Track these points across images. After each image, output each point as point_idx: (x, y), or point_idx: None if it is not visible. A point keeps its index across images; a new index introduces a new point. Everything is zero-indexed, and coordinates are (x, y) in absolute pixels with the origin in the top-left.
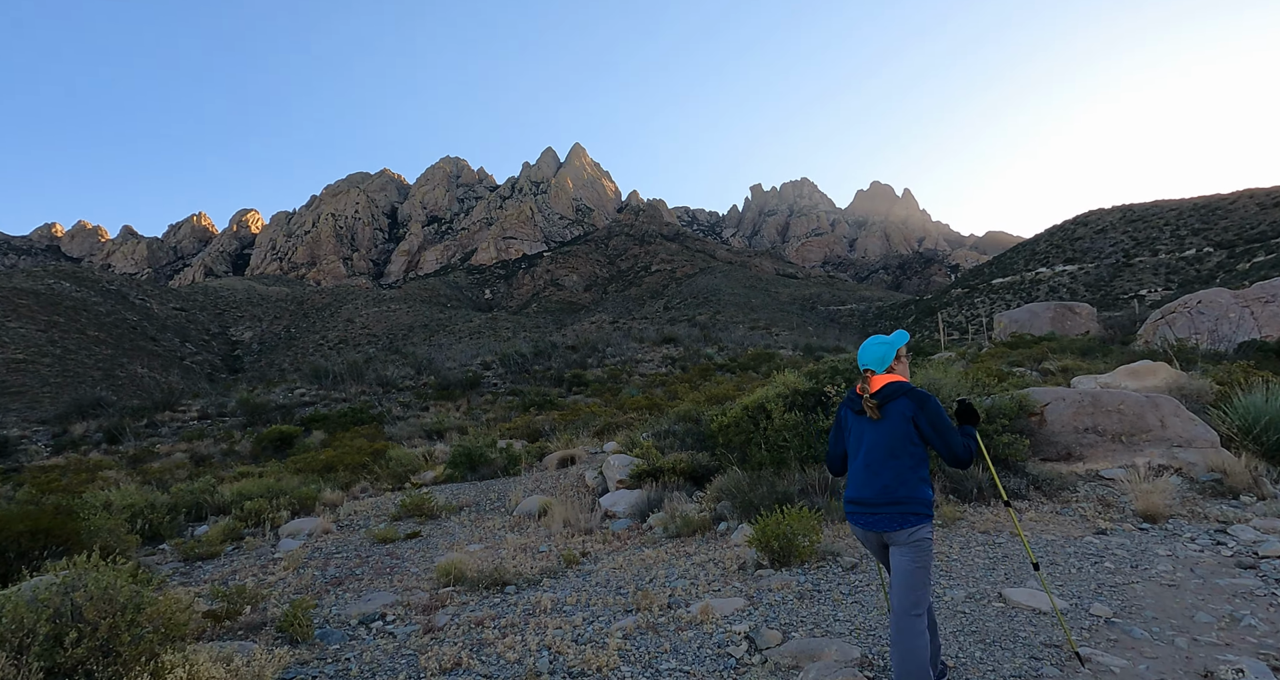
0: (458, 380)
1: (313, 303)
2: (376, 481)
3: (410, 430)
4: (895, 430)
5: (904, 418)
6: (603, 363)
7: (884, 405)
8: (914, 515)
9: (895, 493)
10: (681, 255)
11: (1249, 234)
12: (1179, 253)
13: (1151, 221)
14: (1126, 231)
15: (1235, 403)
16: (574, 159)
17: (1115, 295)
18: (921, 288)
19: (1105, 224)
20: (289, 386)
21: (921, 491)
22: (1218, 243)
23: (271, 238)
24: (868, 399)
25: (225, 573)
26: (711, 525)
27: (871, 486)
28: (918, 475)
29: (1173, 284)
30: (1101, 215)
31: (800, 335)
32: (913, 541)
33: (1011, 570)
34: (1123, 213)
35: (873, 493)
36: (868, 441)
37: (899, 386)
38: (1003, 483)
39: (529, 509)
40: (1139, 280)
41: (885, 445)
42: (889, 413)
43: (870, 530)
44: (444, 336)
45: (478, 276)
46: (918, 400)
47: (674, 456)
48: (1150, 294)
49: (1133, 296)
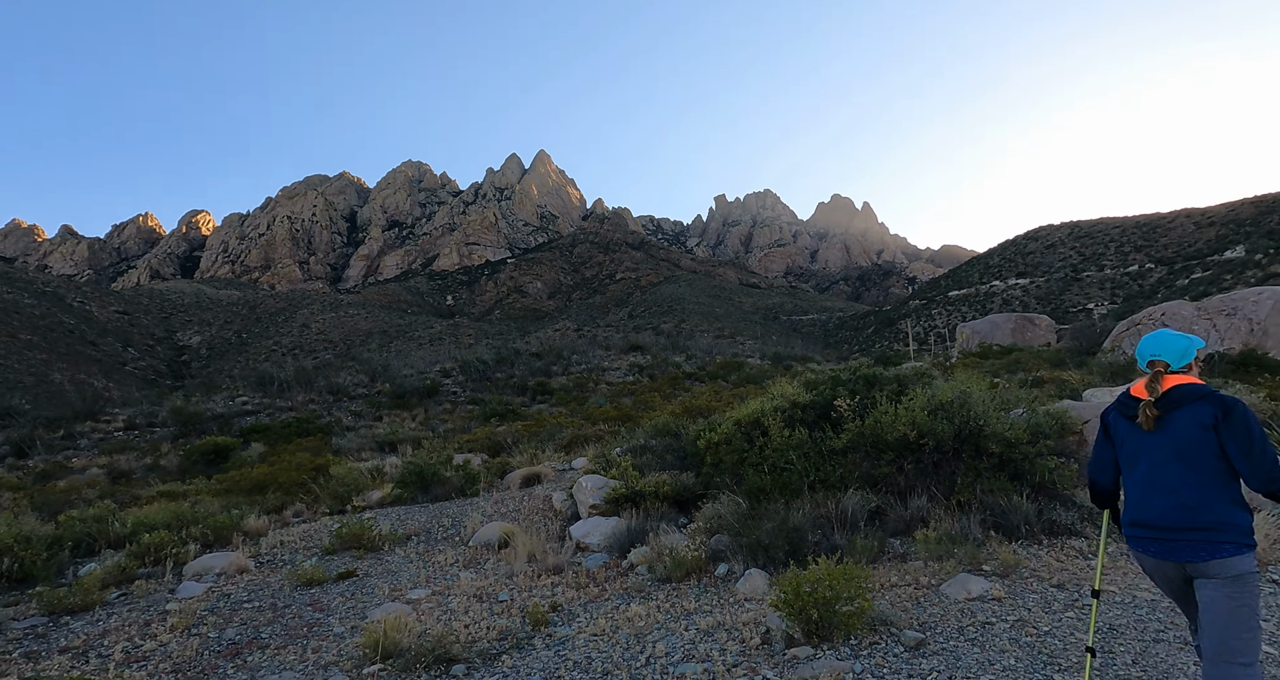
0: (415, 388)
1: (266, 307)
2: (314, 503)
3: (361, 442)
4: (1191, 440)
5: (1201, 426)
6: (568, 371)
7: (1170, 412)
8: (1229, 543)
9: (1200, 516)
10: (646, 264)
11: (1187, 251)
12: (1123, 268)
13: (1098, 238)
14: (1074, 247)
15: None
16: (539, 165)
17: (1065, 308)
18: (880, 299)
19: (1055, 239)
20: (230, 394)
21: (1237, 515)
22: (1159, 259)
23: (223, 240)
24: (1149, 404)
25: (93, 636)
26: (707, 566)
27: (1165, 507)
28: (1229, 495)
29: (1118, 298)
30: (1051, 231)
31: (765, 344)
32: (1231, 575)
33: (1138, 652)
34: (1071, 229)
35: (1168, 515)
36: (1152, 452)
37: (1195, 388)
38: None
39: (488, 538)
40: (1087, 294)
41: (1178, 458)
42: (1178, 420)
43: (1166, 560)
44: (404, 343)
45: (440, 282)
46: (1221, 406)
47: (656, 478)
48: (1097, 307)
49: (1081, 309)
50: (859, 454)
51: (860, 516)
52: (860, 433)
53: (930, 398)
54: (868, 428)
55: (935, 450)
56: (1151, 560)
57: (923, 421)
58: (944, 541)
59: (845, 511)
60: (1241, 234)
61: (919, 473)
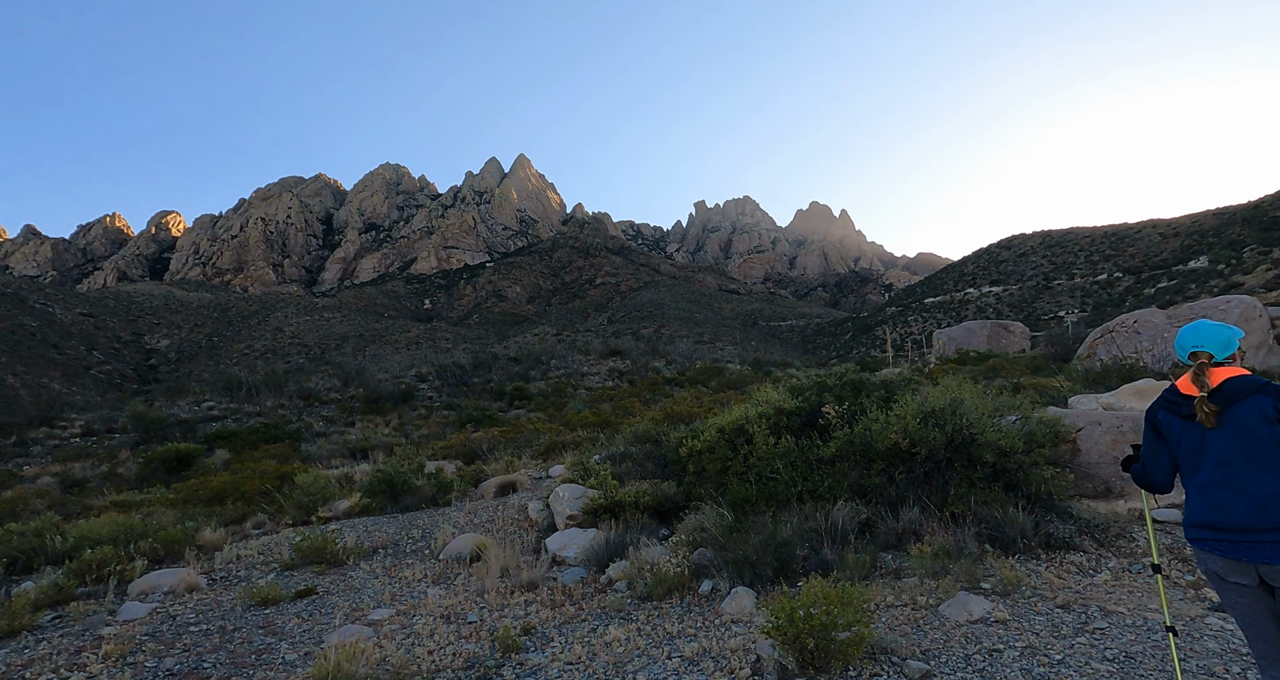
0: (389, 393)
1: (238, 310)
2: (277, 514)
3: (331, 449)
4: (1256, 436)
5: (1265, 420)
6: (546, 376)
7: (1228, 406)
8: None
9: (1277, 515)
10: (626, 269)
11: (1153, 261)
12: (1093, 277)
13: (1068, 247)
14: (1046, 256)
15: None
16: (519, 170)
17: (1038, 315)
18: (857, 305)
19: (1027, 248)
20: (196, 399)
21: None
22: (1126, 268)
23: (194, 241)
24: (1204, 399)
25: (15, 666)
26: (690, 582)
27: (1238, 508)
28: None
29: (1088, 306)
30: (1024, 240)
31: (744, 350)
32: None
33: None
34: (1043, 238)
35: (1242, 516)
36: (1214, 450)
37: (1251, 380)
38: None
39: (459, 551)
40: (1058, 302)
41: (1244, 455)
42: (1238, 415)
43: (1239, 560)
44: (380, 347)
45: (417, 286)
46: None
47: (635, 487)
48: (1069, 315)
49: (1053, 317)
50: (848, 463)
51: (850, 529)
52: (849, 441)
53: (921, 404)
54: (857, 435)
55: (927, 459)
56: (1222, 562)
57: (914, 429)
58: (940, 556)
59: (835, 524)
60: (1204, 244)
61: (910, 483)
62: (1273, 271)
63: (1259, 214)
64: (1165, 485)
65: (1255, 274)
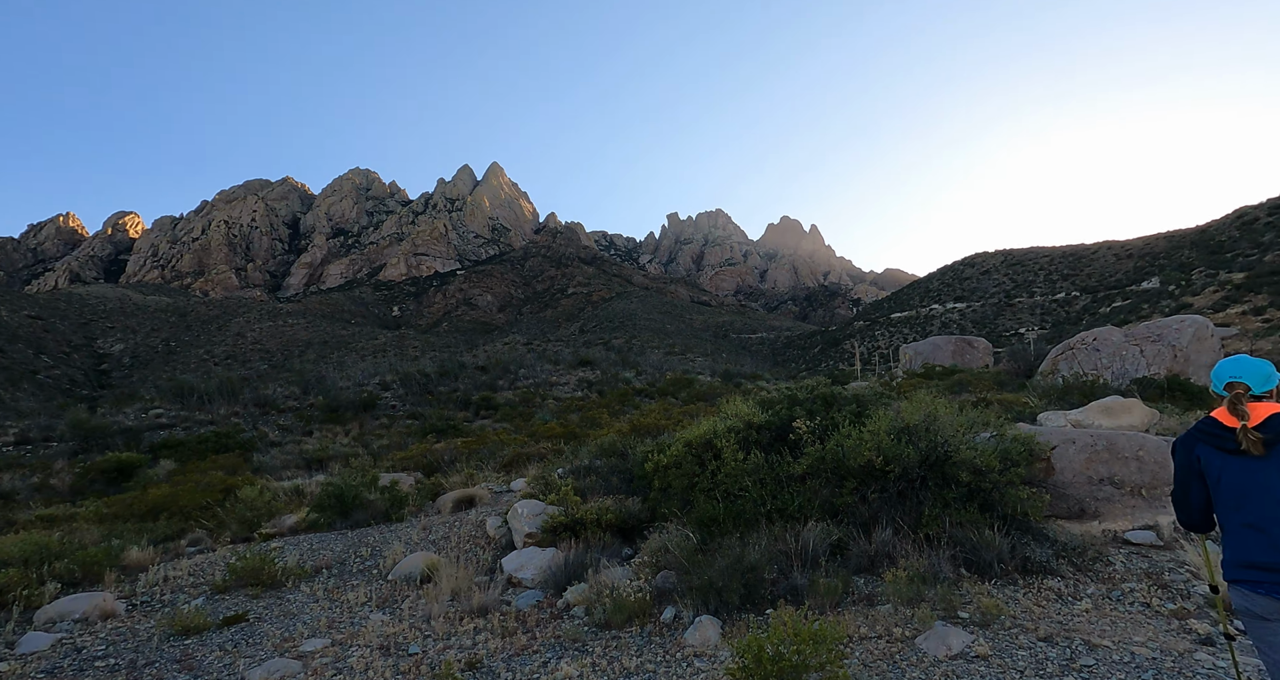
0: (350, 401)
1: (198, 314)
2: (217, 530)
3: (286, 459)
4: None
5: None
6: (514, 385)
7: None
8: None
9: None
10: (598, 279)
11: (1109, 281)
12: (1052, 295)
13: (1029, 266)
14: (1008, 274)
15: None
16: (491, 178)
17: (1000, 332)
18: (826, 319)
19: (989, 266)
20: (144, 406)
21: None
22: (1083, 287)
23: (153, 243)
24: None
25: None
26: (652, 609)
27: None
28: None
29: (1047, 323)
30: (986, 258)
31: (715, 361)
32: None
33: None
34: (1004, 257)
35: None
36: (1263, 487)
37: None
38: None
39: (409, 571)
40: (1019, 319)
41: None
42: None
43: None
44: (346, 354)
45: (385, 293)
46: None
47: (598, 504)
48: (1029, 332)
49: (1014, 333)
50: (819, 481)
51: (821, 551)
52: (821, 457)
53: (895, 420)
54: (829, 452)
55: (901, 478)
56: (1266, 603)
57: (888, 446)
58: (915, 581)
59: (805, 546)
60: (1156, 266)
61: (884, 502)
62: (1219, 293)
63: (1206, 238)
64: (1205, 523)
65: (1203, 295)
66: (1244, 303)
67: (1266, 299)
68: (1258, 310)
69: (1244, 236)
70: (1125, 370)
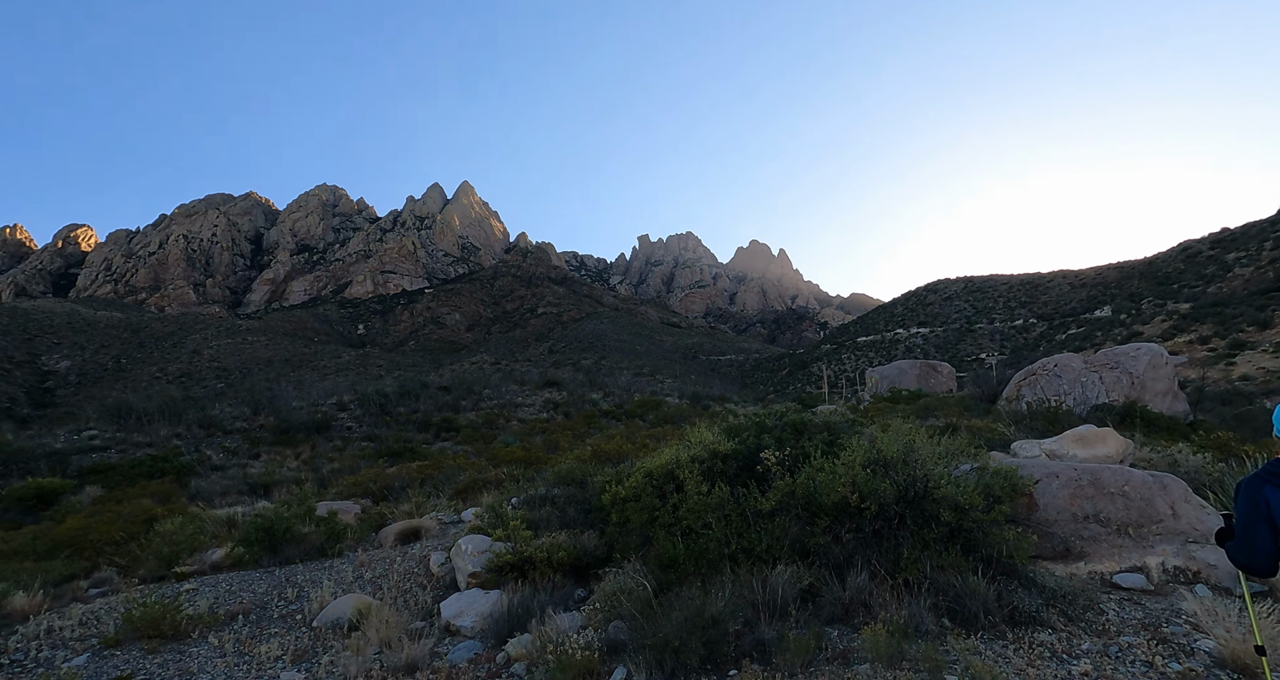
0: (302, 422)
1: (151, 331)
2: (130, 568)
3: (227, 485)
4: None
5: None
6: (478, 406)
7: None
8: None
9: None
10: (569, 299)
11: (1064, 308)
12: (1011, 322)
13: (989, 293)
14: (969, 300)
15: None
16: (462, 196)
17: (961, 356)
18: (794, 342)
19: (951, 292)
20: (77, 427)
21: None
22: (1040, 315)
23: (107, 257)
24: None
25: None
26: (601, 667)
27: None
28: None
29: (1006, 349)
30: (948, 284)
31: (684, 383)
32: None
33: None
34: (965, 283)
35: None
36: None
37: None
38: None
39: (336, 617)
40: (979, 344)
41: None
42: None
43: None
44: (307, 373)
45: (351, 310)
46: None
47: (550, 539)
48: (989, 357)
49: (975, 358)
50: (789, 517)
51: (791, 599)
52: (791, 492)
53: (870, 451)
54: (799, 486)
55: (877, 516)
56: None
57: (864, 481)
58: (895, 636)
59: (774, 593)
60: (1108, 295)
61: (859, 543)
62: (1167, 322)
63: (1154, 269)
64: (1271, 568)
65: (1153, 324)
66: (1190, 332)
67: (1211, 328)
68: (1203, 339)
69: (1189, 269)
70: (1086, 396)
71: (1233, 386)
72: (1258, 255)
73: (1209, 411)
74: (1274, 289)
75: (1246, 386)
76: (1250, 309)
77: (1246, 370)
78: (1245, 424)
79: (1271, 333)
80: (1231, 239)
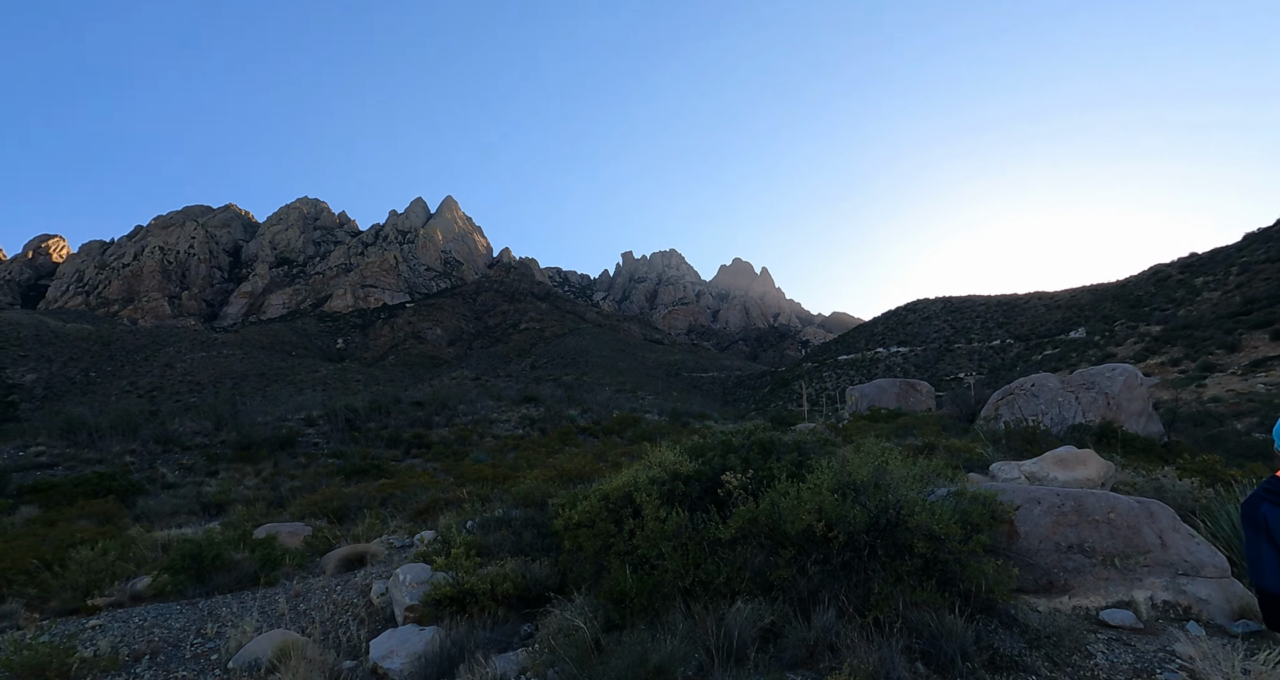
0: (266, 438)
1: (123, 344)
2: (40, 599)
3: (178, 504)
4: None
5: None
6: (452, 422)
7: None
8: None
9: None
10: (552, 315)
11: (1040, 330)
12: (988, 342)
13: (967, 313)
14: (947, 320)
15: (1226, 513)
16: (445, 211)
17: (940, 375)
18: (776, 360)
19: (930, 312)
20: (25, 442)
21: None
22: (1017, 335)
23: (79, 269)
24: None
25: None
26: None
27: None
28: None
29: (984, 369)
30: (927, 304)
31: (666, 400)
32: None
33: None
34: (944, 303)
35: None
36: None
37: None
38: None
39: (255, 656)
40: (958, 363)
41: None
42: None
43: None
44: (283, 387)
45: (330, 324)
46: None
47: (496, 569)
48: (968, 377)
49: (954, 377)
50: (752, 546)
51: (750, 640)
52: (753, 519)
53: (840, 474)
54: (762, 513)
55: (846, 546)
56: None
57: (832, 507)
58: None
59: (732, 641)
60: (1082, 317)
61: (826, 576)
62: (1139, 344)
63: (1126, 292)
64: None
65: (1125, 346)
66: (1162, 354)
67: (1181, 351)
68: (1174, 361)
69: (1159, 292)
70: (1063, 416)
71: (1204, 408)
72: (1225, 280)
73: (1182, 433)
74: (1241, 313)
75: (1217, 408)
76: (1219, 332)
77: (1217, 392)
78: (1218, 445)
79: (1239, 355)
80: (1200, 264)
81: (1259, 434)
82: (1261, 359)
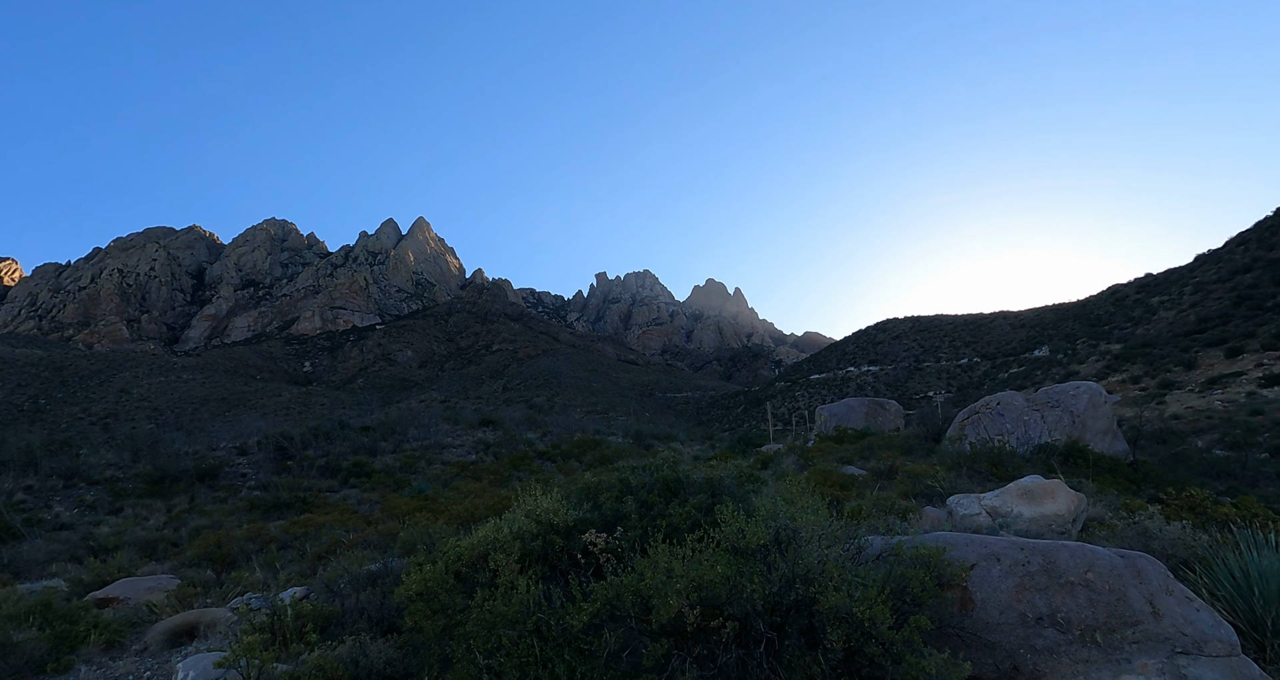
0: (185, 469)
1: (76, 369)
2: None
3: (58, 549)
4: None
5: None
6: (400, 448)
7: None
8: None
9: None
10: (525, 336)
11: (1005, 348)
12: (956, 360)
13: (935, 332)
14: (917, 340)
15: (1227, 567)
16: (417, 232)
17: (910, 394)
18: (750, 379)
19: (900, 331)
20: None
21: None
22: (984, 354)
23: (32, 292)
24: None
25: None
26: None
27: None
28: None
29: (953, 387)
30: (897, 324)
31: (638, 421)
32: None
33: None
34: (913, 323)
35: None
36: None
37: None
38: None
39: None
40: (927, 382)
41: None
42: None
43: None
44: (244, 411)
45: (297, 347)
46: None
47: (318, 657)
48: (936, 395)
49: (923, 396)
50: (620, 633)
51: None
52: (617, 598)
53: (738, 531)
54: (627, 589)
55: (739, 638)
56: None
57: (716, 583)
58: None
59: None
60: (1046, 335)
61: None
62: (1101, 363)
63: (1086, 311)
64: None
65: (1088, 364)
66: (1122, 372)
67: (1141, 369)
68: (1134, 379)
69: (1118, 311)
70: (1029, 435)
71: (1166, 425)
72: (1179, 300)
73: (1146, 450)
74: (1196, 331)
75: (1178, 425)
76: (1176, 350)
77: (1176, 409)
78: (1182, 463)
79: (1196, 373)
80: (1155, 284)
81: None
82: (1217, 376)
